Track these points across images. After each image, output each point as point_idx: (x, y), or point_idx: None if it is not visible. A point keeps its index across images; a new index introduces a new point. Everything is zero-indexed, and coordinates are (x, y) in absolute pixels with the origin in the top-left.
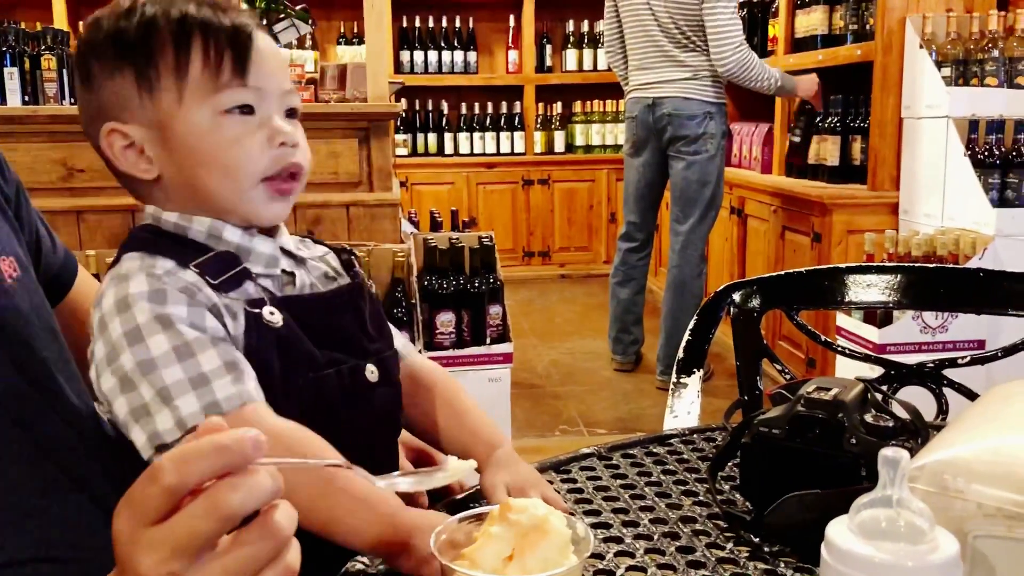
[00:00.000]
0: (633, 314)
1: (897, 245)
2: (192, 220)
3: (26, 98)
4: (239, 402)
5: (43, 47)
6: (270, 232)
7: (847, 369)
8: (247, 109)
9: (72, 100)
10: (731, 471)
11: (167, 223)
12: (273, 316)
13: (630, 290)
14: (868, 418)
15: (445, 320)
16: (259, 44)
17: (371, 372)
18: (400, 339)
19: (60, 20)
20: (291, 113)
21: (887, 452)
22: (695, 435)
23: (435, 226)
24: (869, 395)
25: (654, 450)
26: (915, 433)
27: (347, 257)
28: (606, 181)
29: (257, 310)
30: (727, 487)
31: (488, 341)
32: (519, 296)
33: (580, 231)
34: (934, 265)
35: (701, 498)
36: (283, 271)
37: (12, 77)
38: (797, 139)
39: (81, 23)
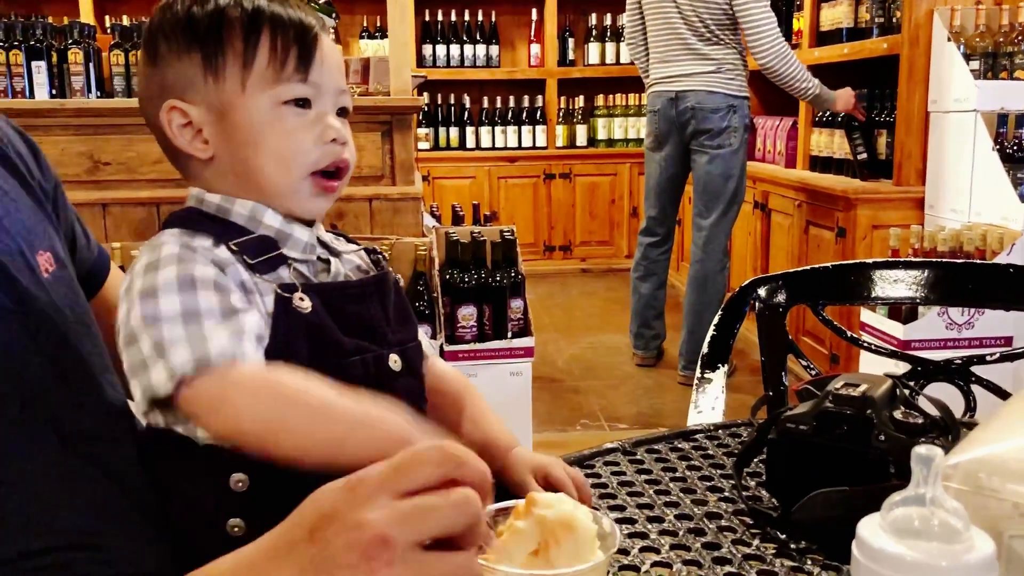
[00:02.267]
0: (654, 309)
1: (923, 240)
2: (235, 202)
3: (53, 92)
4: (230, 358)
5: (70, 41)
6: (308, 222)
7: (872, 365)
8: (304, 103)
9: (98, 93)
10: (757, 467)
11: (210, 204)
12: (303, 302)
13: (651, 285)
14: (897, 415)
15: (466, 314)
16: (323, 44)
17: (394, 362)
18: (425, 339)
19: (87, 14)
20: (342, 112)
21: (920, 450)
22: (720, 430)
23: (457, 220)
24: (898, 391)
25: (679, 445)
26: (945, 430)
27: (375, 256)
28: (628, 175)
29: (288, 295)
30: (753, 483)
31: (509, 335)
32: (540, 290)
33: (601, 225)
34: (961, 260)
35: (727, 494)
36: (318, 258)
37: (40, 71)
38: (864, 155)
39: (107, 17)
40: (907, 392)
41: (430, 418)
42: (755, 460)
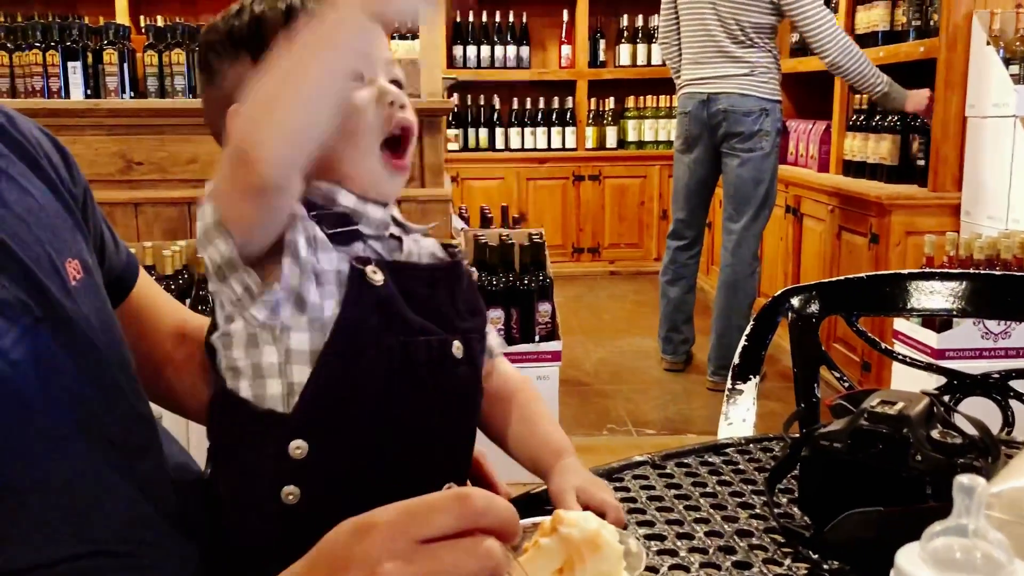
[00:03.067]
0: (683, 313)
1: (958, 248)
2: (311, 185)
3: (88, 92)
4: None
5: (105, 42)
6: (382, 203)
7: (905, 376)
8: (355, 76)
9: (132, 94)
10: (789, 483)
11: None
12: (376, 275)
13: (680, 289)
14: (935, 434)
15: (494, 317)
16: None
17: (457, 348)
18: (494, 336)
19: (122, 14)
20: (395, 84)
21: (963, 480)
22: (751, 444)
23: (485, 222)
24: (935, 409)
25: (709, 459)
26: (984, 451)
27: (452, 249)
28: (658, 177)
29: (361, 267)
30: (785, 500)
31: (537, 339)
32: (568, 292)
33: (631, 227)
34: (1000, 272)
35: (758, 511)
36: (391, 235)
37: (75, 71)
38: (923, 162)
39: (142, 17)
40: (944, 410)
41: (486, 418)
42: (787, 477)
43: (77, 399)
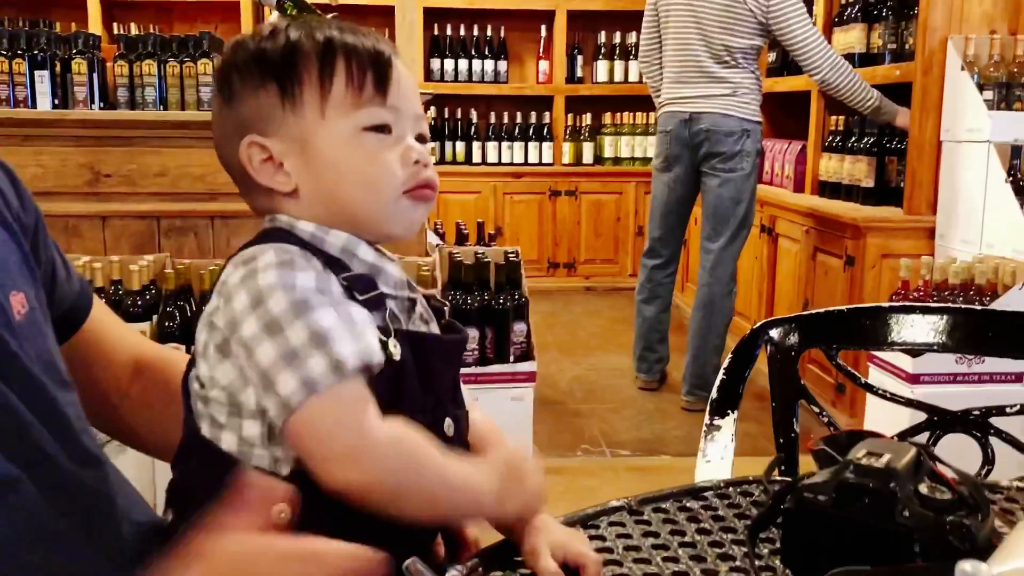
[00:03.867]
0: (658, 332)
1: (933, 272)
2: (329, 232)
3: (56, 101)
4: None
5: (74, 51)
6: (391, 257)
7: (881, 405)
8: (384, 129)
9: (101, 104)
10: (771, 531)
11: (303, 232)
12: (396, 350)
13: (655, 308)
14: (923, 488)
15: (469, 336)
16: (398, 68)
17: (448, 427)
18: (467, 391)
19: (95, 22)
20: (420, 139)
21: (965, 566)
22: (731, 488)
23: (461, 238)
24: (923, 461)
25: (687, 504)
26: (974, 508)
27: (439, 304)
28: (634, 194)
29: (384, 338)
30: (766, 551)
31: (512, 359)
32: (543, 308)
33: (606, 243)
34: (980, 308)
35: (738, 563)
36: (408, 298)
37: (42, 80)
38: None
39: (116, 25)
40: (932, 462)
41: None
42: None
43: (19, 437)
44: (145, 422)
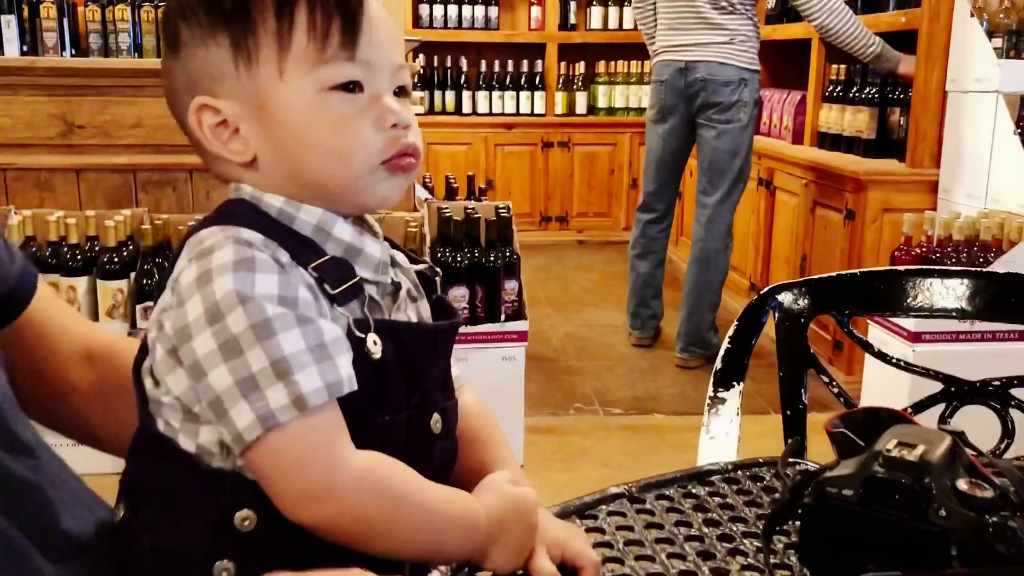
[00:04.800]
0: (652, 288)
1: (936, 227)
2: (300, 208)
3: (24, 48)
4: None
5: None
6: (374, 234)
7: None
8: (355, 86)
9: (73, 51)
10: (788, 524)
11: (270, 207)
12: (375, 346)
13: (649, 263)
14: (961, 484)
15: (458, 295)
16: (371, 12)
17: (436, 422)
18: (456, 368)
19: None
20: (400, 91)
21: None
22: (739, 471)
23: (450, 193)
24: (959, 452)
25: (693, 491)
26: (1019, 506)
27: (432, 276)
28: (628, 145)
29: (361, 334)
30: (781, 544)
31: (503, 318)
32: (535, 263)
33: (600, 196)
34: (1003, 272)
35: (751, 560)
36: (391, 281)
37: (9, 25)
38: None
39: None
40: (971, 452)
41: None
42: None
43: None
44: (98, 416)
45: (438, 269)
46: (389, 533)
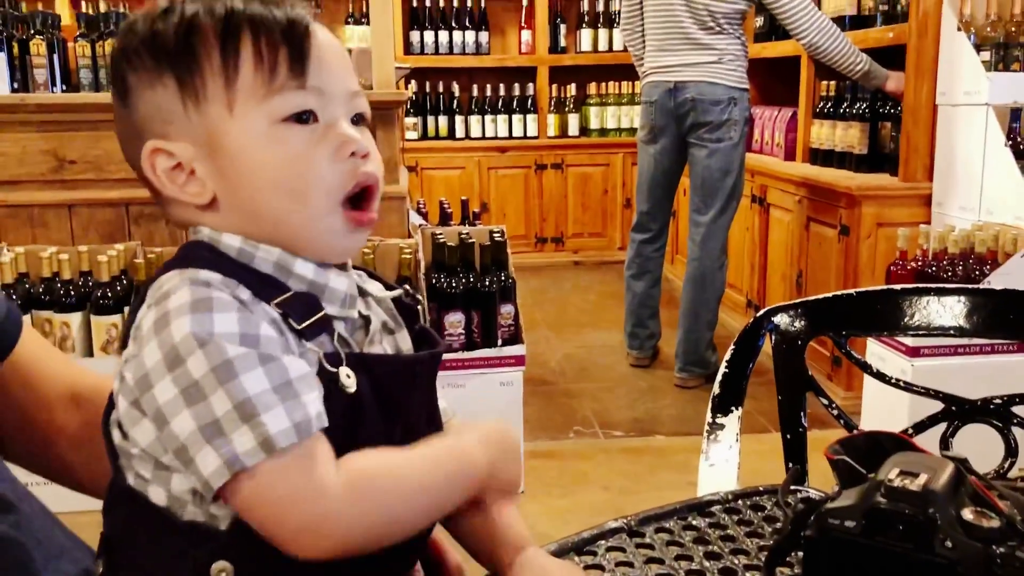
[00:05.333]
0: (649, 308)
1: (931, 241)
2: (258, 248)
3: (15, 85)
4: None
5: (32, 31)
6: (341, 265)
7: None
8: (308, 116)
9: (64, 87)
10: (790, 556)
11: (229, 247)
12: (349, 380)
13: (645, 283)
14: (966, 513)
15: (454, 320)
16: (319, 39)
17: None
18: (443, 401)
19: (61, 1)
20: (358, 120)
21: None
22: (739, 500)
23: (444, 217)
24: (963, 480)
25: (693, 522)
26: None
27: (411, 303)
28: (621, 165)
29: (333, 369)
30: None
31: (500, 342)
32: (532, 284)
33: (594, 217)
34: (1001, 288)
35: None
36: (359, 314)
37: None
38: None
39: (84, 2)
40: (976, 479)
41: None
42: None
43: None
44: (83, 461)
45: (418, 296)
46: (398, 523)
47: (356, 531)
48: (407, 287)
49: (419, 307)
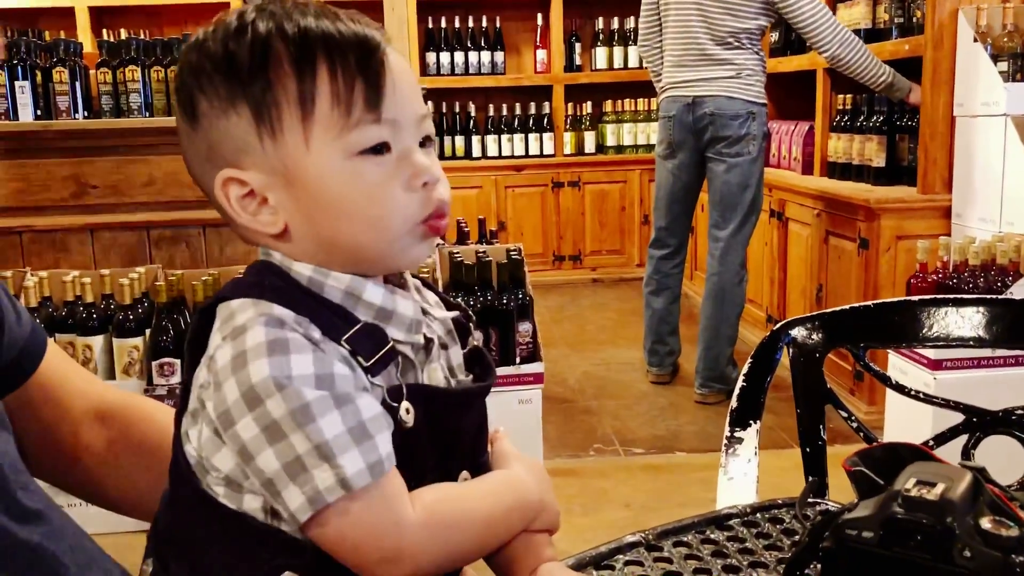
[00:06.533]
0: (668, 324)
1: (952, 253)
2: (329, 275)
3: (38, 112)
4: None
5: (55, 60)
6: (404, 285)
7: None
8: (383, 147)
9: (85, 113)
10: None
11: (300, 275)
12: (408, 415)
13: (664, 299)
14: (985, 523)
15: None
16: (392, 64)
17: (464, 479)
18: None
19: (84, 30)
20: (425, 141)
21: None
22: (758, 514)
23: (462, 237)
24: (981, 489)
25: (712, 536)
26: None
27: (464, 321)
28: (638, 182)
29: (395, 404)
30: None
31: (518, 360)
32: (550, 302)
33: (612, 234)
34: (1021, 298)
35: None
36: (424, 337)
37: (24, 91)
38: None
39: (105, 31)
40: (993, 487)
41: None
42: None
43: None
44: (111, 476)
45: (471, 314)
46: (464, 553)
47: (427, 561)
48: (462, 306)
49: (472, 324)
